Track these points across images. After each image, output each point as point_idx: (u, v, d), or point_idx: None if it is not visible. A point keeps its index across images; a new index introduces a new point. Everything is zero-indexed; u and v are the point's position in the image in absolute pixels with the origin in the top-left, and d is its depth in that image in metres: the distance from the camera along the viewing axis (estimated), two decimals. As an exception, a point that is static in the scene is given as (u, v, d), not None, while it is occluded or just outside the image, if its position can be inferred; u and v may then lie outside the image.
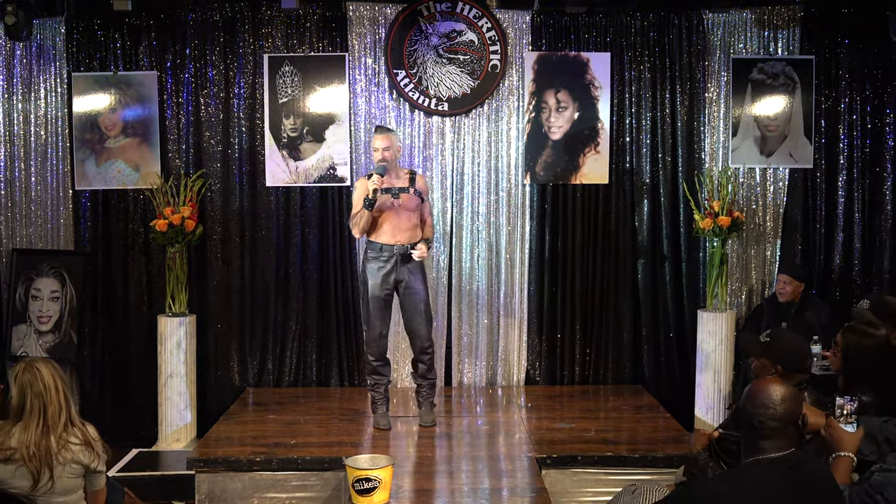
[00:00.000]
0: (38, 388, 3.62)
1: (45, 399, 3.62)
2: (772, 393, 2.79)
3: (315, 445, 5.56)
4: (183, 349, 6.60)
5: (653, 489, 4.06)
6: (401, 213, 5.78)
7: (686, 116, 7.15)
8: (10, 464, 3.56)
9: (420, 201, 5.86)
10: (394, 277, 5.82)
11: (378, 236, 5.79)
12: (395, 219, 5.77)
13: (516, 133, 7.18)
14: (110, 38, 7.04)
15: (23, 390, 3.63)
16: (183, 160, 7.09)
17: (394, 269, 5.80)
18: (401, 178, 5.84)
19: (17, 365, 3.78)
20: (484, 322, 7.23)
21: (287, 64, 7.06)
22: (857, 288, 7.11)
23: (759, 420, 2.75)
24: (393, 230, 5.77)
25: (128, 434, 6.91)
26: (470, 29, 7.07)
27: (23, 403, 3.62)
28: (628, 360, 7.23)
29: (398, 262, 5.79)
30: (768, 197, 7.20)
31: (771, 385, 2.82)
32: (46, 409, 3.61)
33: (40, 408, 3.61)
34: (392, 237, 5.77)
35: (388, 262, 5.79)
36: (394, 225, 5.77)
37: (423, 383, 6.03)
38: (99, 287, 7.13)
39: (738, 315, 7.07)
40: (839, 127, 7.15)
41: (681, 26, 7.12)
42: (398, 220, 5.77)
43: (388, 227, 5.77)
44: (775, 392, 2.79)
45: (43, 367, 3.68)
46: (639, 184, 7.18)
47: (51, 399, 3.63)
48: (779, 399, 2.78)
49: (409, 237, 5.80)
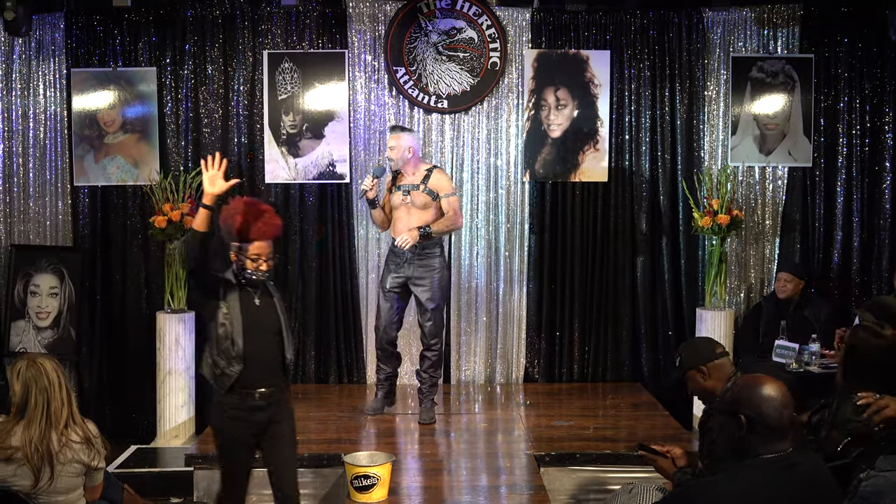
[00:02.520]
0: (42, 383, 3.57)
1: (49, 395, 3.57)
2: (774, 393, 2.77)
3: (314, 442, 5.56)
4: (182, 345, 6.60)
5: (650, 488, 4.06)
6: (411, 211, 5.88)
7: (685, 115, 7.15)
8: (11, 463, 3.52)
9: (432, 199, 5.89)
10: (404, 273, 5.92)
11: (394, 233, 5.96)
12: (405, 216, 5.90)
13: (516, 131, 7.18)
14: (110, 34, 7.04)
15: (27, 386, 3.57)
16: (182, 156, 7.09)
17: (404, 265, 5.91)
18: (415, 176, 5.92)
19: (17, 360, 3.70)
20: (483, 319, 7.24)
21: (286, 60, 7.05)
22: (856, 286, 7.12)
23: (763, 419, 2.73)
24: (403, 227, 5.87)
25: (126, 430, 6.91)
26: (470, 26, 7.07)
27: (26, 400, 3.56)
28: (627, 358, 7.24)
29: (408, 260, 5.88)
30: (767, 195, 7.21)
31: (768, 385, 2.80)
32: (50, 406, 3.56)
33: (44, 404, 3.55)
34: (399, 235, 5.88)
35: (400, 257, 5.90)
36: (404, 222, 5.89)
37: (425, 378, 6.09)
38: (98, 283, 7.13)
39: (736, 313, 7.08)
40: (838, 126, 7.16)
41: (680, 24, 7.12)
42: (408, 218, 5.88)
43: (400, 224, 5.92)
44: (777, 391, 2.78)
45: (46, 363, 3.63)
46: (638, 182, 7.18)
47: (54, 395, 3.58)
48: (781, 397, 2.77)
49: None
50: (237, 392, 4.12)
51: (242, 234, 4.11)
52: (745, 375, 3.12)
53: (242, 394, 4.13)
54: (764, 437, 2.72)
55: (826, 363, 5.75)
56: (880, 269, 7.08)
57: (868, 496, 2.89)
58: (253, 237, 4.12)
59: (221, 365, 4.10)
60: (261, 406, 4.15)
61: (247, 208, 4.14)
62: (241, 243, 4.13)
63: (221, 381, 4.13)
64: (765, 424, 2.71)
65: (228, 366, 4.09)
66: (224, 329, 4.10)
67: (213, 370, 4.17)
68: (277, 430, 4.23)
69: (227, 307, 4.12)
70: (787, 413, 2.76)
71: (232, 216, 4.10)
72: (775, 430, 2.72)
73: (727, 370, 3.72)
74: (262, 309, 4.20)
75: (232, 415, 4.15)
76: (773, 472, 2.68)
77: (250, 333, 4.11)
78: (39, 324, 6.90)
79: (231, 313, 4.11)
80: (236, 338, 4.08)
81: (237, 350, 4.08)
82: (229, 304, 4.12)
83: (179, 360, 6.58)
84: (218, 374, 4.13)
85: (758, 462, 2.71)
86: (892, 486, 2.84)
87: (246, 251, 4.12)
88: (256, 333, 4.14)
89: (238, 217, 4.09)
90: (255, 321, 4.15)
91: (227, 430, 4.18)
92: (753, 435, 2.73)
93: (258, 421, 4.17)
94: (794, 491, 2.66)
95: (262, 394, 4.14)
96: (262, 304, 4.21)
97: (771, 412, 2.72)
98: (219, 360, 4.12)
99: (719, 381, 3.66)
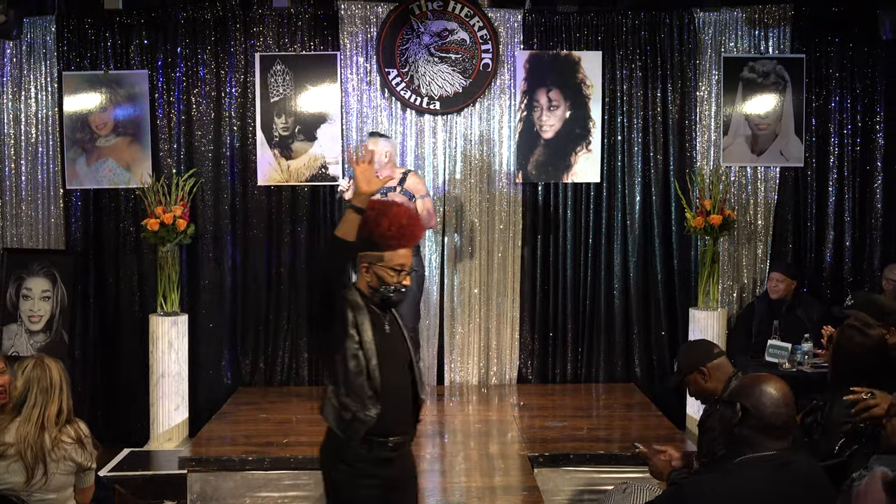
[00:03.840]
0: (45, 384, 3.64)
1: (49, 396, 3.64)
2: (775, 391, 2.77)
3: (307, 444, 5.53)
4: (175, 348, 6.58)
5: (644, 488, 4.07)
6: None
7: (677, 115, 7.16)
8: (4, 459, 3.57)
9: (408, 199, 6.03)
10: None
11: None
12: None
13: (508, 132, 7.19)
14: (101, 37, 7.02)
15: (28, 384, 3.64)
16: (174, 159, 7.07)
17: None
18: (392, 179, 6.05)
19: (25, 359, 3.77)
20: (476, 321, 7.23)
21: (278, 63, 7.04)
22: (848, 286, 7.12)
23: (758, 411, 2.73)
24: None
25: (119, 433, 6.89)
26: (462, 28, 7.07)
27: (25, 397, 3.63)
28: (620, 359, 7.23)
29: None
30: (759, 195, 7.22)
31: (771, 382, 2.80)
32: (48, 407, 3.63)
33: (42, 404, 3.62)
34: None
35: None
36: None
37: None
38: (90, 286, 7.11)
39: (729, 313, 7.09)
40: (830, 125, 7.18)
41: (672, 25, 7.13)
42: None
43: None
44: (779, 389, 2.78)
45: (53, 365, 3.70)
46: (630, 182, 7.19)
47: (54, 398, 3.65)
48: (783, 396, 2.77)
49: None
50: (367, 441, 3.34)
51: (388, 240, 3.41)
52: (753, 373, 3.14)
53: (374, 443, 3.35)
54: (757, 430, 2.72)
55: (818, 363, 5.76)
56: (872, 269, 7.09)
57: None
58: (403, 243, 3.44)
59: (353, 408, 3.30)
60: (392, 458, 3.41)
61: (392, 209, 3.46)
62: (383, 251, 3.41)
63: (353, 429, 3.31)
64: (759, 417, 2.72)
65: (363, 409, 3.29)
66: (356, 363, 3.31)
67: (341, 415, 3.33)
68: (406, 487, 3.56)
69: (358, 334, 3.34)
70: (784, 411, 2.76)
71: (375, 219, 3.39)
72: (770, 426, 2.72)
73: (727, 370, 3.73)
74: (392, 336, 3.47)
75: (358, 471, 3.36)
76: (766, 470, 2.69)
77: (385, 367, 3.35)
78: (32, 327, 6.88)
79: (363, 342, 3.33)
80: (373, 372, 3.31)
81: (374, 387, 3.30)
82: (361, 330, 3.35)
83: (172, 363, 6.57)
84: (348, 420, 3.31)
85: (752, 460, 2.72)
86: None
87: (388, 261, 3.40)
88: (391, 367, 3.40)
89: (383, 220, 3.40)
90: (388, 352, 3.40)
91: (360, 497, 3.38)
92: (746, 426, 2.73)
93: (389, 477, 3.40)
94: (787, 489, 2.67)
95: (396, 442, 3.41)
96: (391, 331, 3.48)
97: (767, 406, 2.73)
98: (349, 402, 3.31)
99: (719, 381, 3.67)
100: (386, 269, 3.40)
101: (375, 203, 3.43)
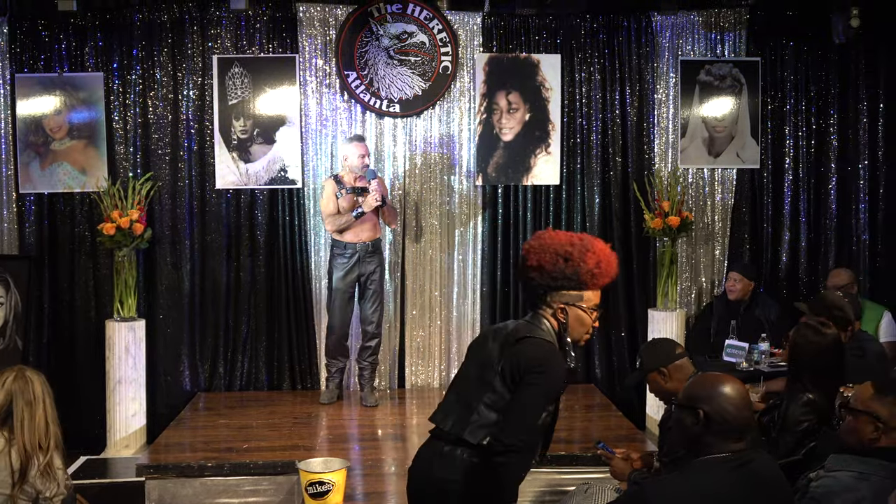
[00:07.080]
0: (28, 397, 3.52)
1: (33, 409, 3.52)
2: (734, 393, 2.77)
3: (267, 449, 5.51)
4: (132, 354, 6.50)
5: (605, 488, 4.09)
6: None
7: (636, 117, 7.22)
8: None
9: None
10: (357, 272, 6.46)
11: (343, 236, 6.42)
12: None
13: (468, 134, 7.19)
14: (55, 39, 6.92)
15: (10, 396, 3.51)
16: (131, 162, 6.99)
17: (357, 264, 6.42)
18: (363, 179, 6.41)
19: (6, 370, 3.62)
20: (437, 323, 7.23)
21: (236, 65, 6.99)
22: (804, 285, 7.24)
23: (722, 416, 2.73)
24: (356, 230, 6.40)
25: (76, 441, 6.73)
26: (421, 30, 7.07)
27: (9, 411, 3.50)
28: (580, 360, 7.27)
29: (361, 259, 6.40)
30: (717, 197, 7.30)
31: (727, 384, 2.81)
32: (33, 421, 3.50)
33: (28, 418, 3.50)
34: (356, 236, 6.42)
35: (351, 258, 6.41)
36: (357, 224, 6.37)
37: (366, 366, 6.57)
38: (45, 292, 6.99)
39: (688, 314, 7.15)
40: (785, 128, 7.28)
41: (630, 28, 7.19)
42: (360, 221, 6.36)
43: (356, 224, 6.37)
44: (737, 391, 2.78)
45: (35, 378, 3.58)
46: (589, 184, 7.23)
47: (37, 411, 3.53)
48: (741, 398, 2.78)
49: (370, 235, 6.46)
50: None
51: (595, 278, 3.11)
52: (705, 373, 3.13)
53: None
54: (720, 434, 2.73)
55: (775, 362, 5.82)
56: (827, 268, 7.18)
57: (819, 497, 2.87)
58: (606, 281, 3.15)
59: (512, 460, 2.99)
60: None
61: (596, 245, 3.14)
62: (583, 291, 3.11)
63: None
64: (722, 422, 2.72)
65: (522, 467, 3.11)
66: (544, 419, 3.07)
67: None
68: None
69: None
70: (745, 413, 2.77)
71: (580, 256, 3.08)
72: (732, 429, 2.73)
73: (688, 371, 3.74)
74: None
75: None
76: (726, 470, 2.70)
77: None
78: (-16, 334, 6.76)
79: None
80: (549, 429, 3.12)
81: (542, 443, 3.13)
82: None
83: (130, 369, 6.49)
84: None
85: (712, 461, 2.73)
86: (843, 486, 2.84)
87: (587, 301, 3.12)
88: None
89: (589, 256, 3.08)
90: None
91: None
92: (709, 431, 2.74)
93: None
94: (747, 489, 2.68)
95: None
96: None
97: (731, 410, 2.73)
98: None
99: (680, 381, 3.67)
100: (587, 309, 3.13)
101: (573, 239, 3.14)
